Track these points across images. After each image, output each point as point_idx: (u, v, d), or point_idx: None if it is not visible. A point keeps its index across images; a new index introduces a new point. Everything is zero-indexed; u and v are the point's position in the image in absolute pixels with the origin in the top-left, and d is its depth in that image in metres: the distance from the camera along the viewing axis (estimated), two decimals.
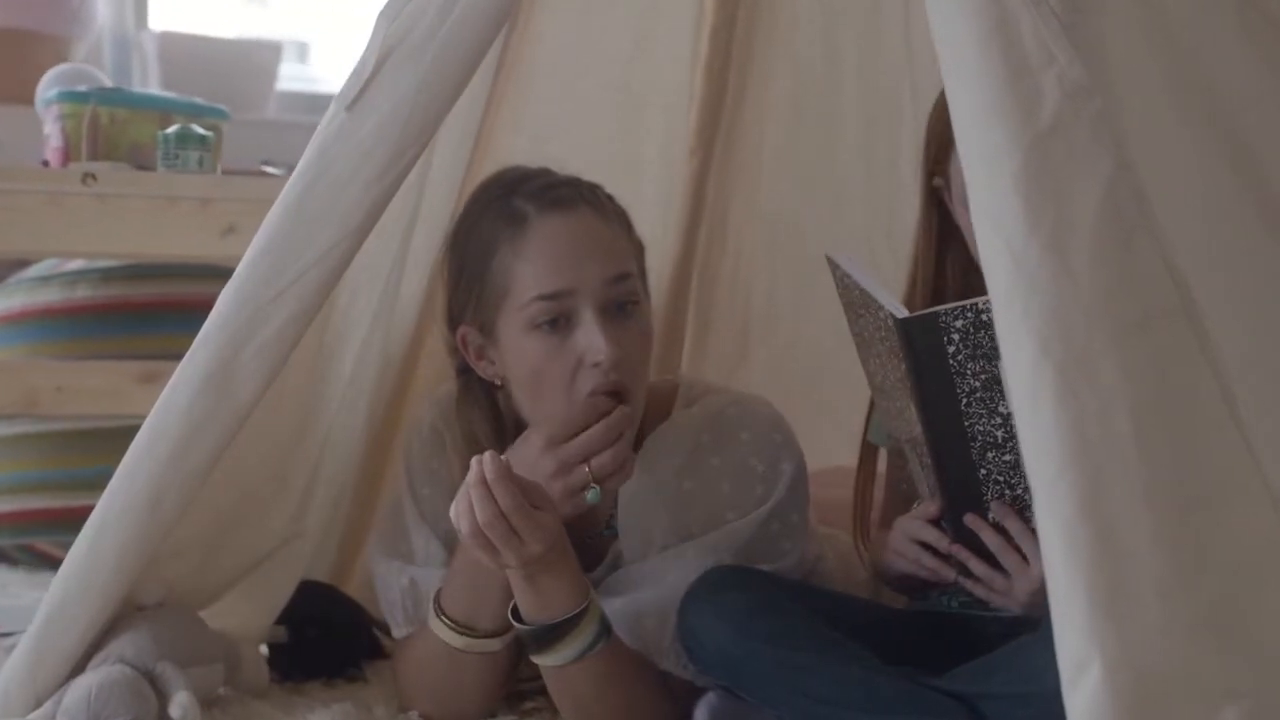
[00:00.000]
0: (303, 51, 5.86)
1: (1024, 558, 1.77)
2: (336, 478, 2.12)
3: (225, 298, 1.81)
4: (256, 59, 4.47)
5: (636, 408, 1.88)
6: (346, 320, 2.06)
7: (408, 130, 1.77)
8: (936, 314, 1.73)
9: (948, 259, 2.01)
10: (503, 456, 1.73)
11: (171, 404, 1.80)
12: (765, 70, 2.47)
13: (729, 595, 1.82)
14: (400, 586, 1.97)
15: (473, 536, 1.71)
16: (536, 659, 1.83)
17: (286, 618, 2.12)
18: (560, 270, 1.83)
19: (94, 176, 2.55)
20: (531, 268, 1.84)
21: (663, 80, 2.41)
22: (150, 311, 2.97)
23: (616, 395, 1.84)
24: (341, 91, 1.80)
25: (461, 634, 1.87)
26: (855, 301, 1.85)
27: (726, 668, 1.80)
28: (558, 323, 1.83)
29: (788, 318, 2.58)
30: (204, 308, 3.02)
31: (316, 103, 4.42)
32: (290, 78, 4.49)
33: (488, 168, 2.18)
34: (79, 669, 1.84)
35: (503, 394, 1.92)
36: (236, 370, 1.79)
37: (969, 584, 1.83)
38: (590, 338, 1.82)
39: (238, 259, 2.89)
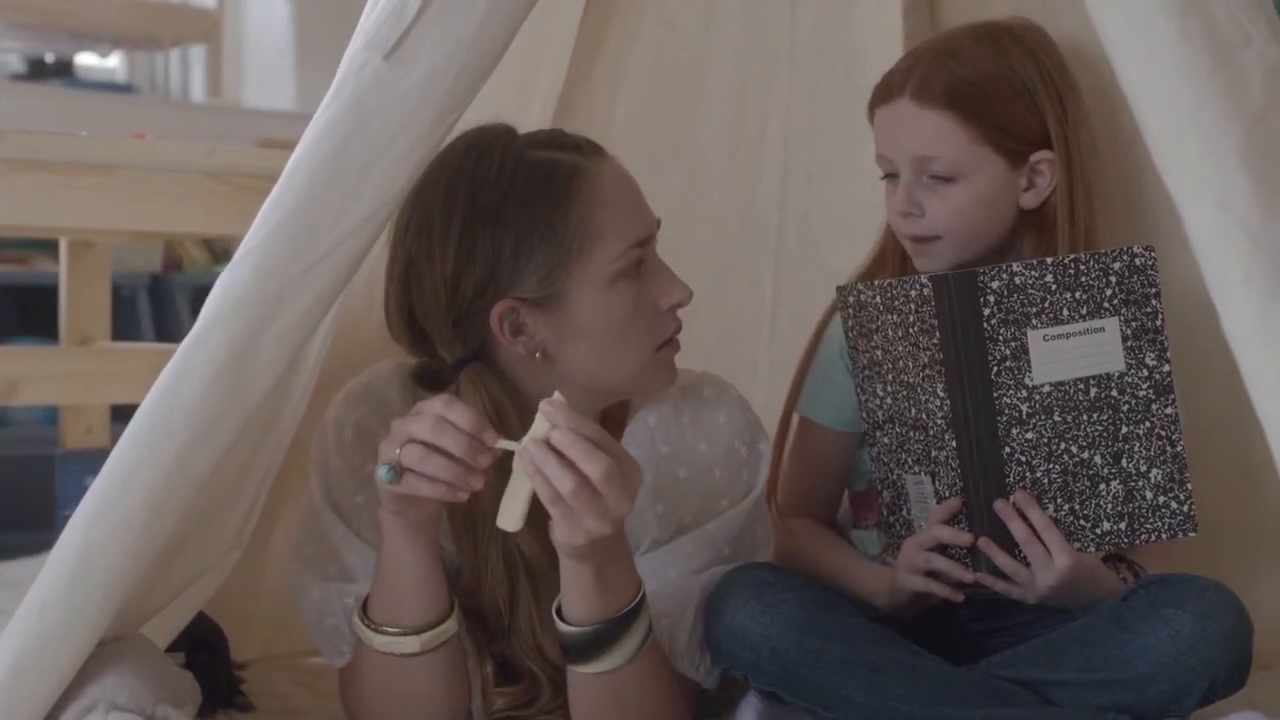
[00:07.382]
0: None
1: (1047, 550, 1.76)
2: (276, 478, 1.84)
3: (242, 273, 1.53)
4: None
5: None
6: None
7: (458, 85, 1.56)
8: (975, 273, 1.73)
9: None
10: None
11: (178, 399, 1.51)
12: (630, 27, 2.31)
13: (779, 594, 1.73)
14: (344, 609, 1.75)
15: (553, 504, 1.54)
16: (586, 667, 1.66)
17: (177, 642, 1.83)
18: (643, 214, 1.77)
19: None
20: (616, 215, 1.73)
21: (557, 33, 2.23)
22: None
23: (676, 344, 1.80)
24: (373, 36, 1.56)
25: (388, 635, 1.68)
26: (871, 313, 1.81)
27: (782, 671, 1.71)
28: (636, 269, 1.75)
29: None
30: None
31: None
32: None
33: None
34: None
35: (531, 369, 1.74)
36: (254, 357, 1.52)
37: (988, 581, 1.79)
38: (668, 281, 1.77)
39: None
